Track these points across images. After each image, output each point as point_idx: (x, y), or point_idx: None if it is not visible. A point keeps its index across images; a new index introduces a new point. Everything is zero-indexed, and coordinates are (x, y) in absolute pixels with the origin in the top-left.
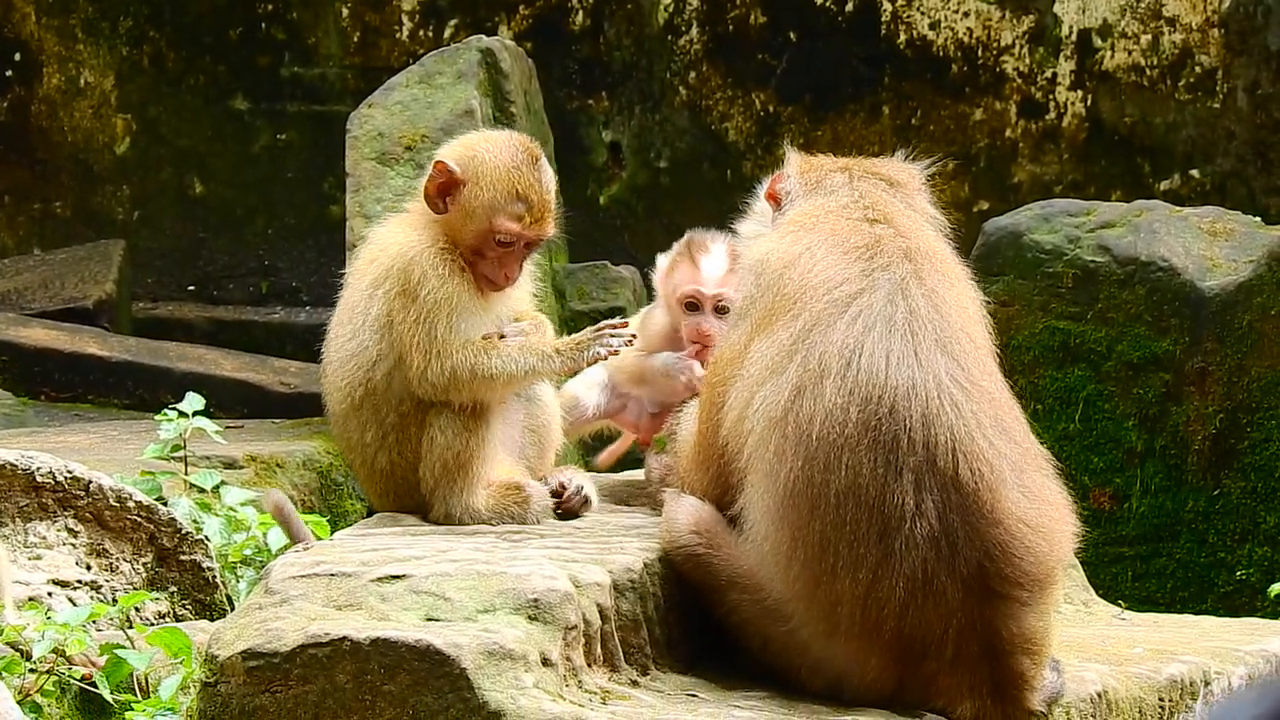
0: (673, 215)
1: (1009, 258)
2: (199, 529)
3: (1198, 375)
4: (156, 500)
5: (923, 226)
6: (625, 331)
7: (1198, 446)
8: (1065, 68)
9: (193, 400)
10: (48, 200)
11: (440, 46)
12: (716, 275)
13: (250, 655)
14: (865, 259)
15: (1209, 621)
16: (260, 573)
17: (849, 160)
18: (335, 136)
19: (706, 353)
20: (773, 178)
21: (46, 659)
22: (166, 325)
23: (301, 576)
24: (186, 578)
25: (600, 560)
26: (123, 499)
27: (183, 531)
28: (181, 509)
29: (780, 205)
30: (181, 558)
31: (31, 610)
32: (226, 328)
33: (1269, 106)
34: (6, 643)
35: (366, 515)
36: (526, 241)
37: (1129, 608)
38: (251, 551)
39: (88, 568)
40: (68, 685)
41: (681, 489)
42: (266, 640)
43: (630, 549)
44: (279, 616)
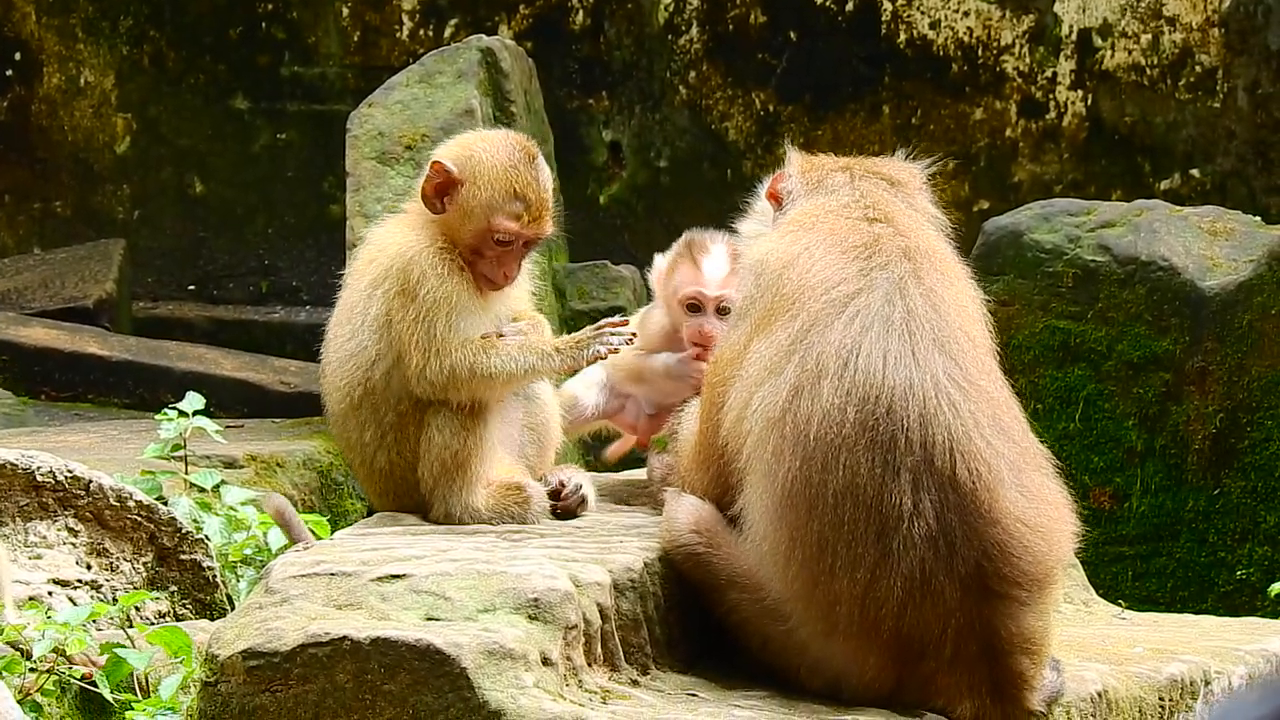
0: (673, 215)
1: (1009, 257)
2: (199, 528)
3: (1198, 375)
4: (157, 500)
5: (923, 226)
6: (625, 330)
7: (1198, 446)
8: (1065, 67)
9: (193, 400)
10: (48, 200)
11: (440, 46)
12: (718, 276)
13: (250, 655)
14: (863, 258)
15: (1209, 621)
16: (260, 572)
17: (850, 160)
18: (335, 136)
19: (707, 354)
20: (774, 177)
21: (47, 658)
22: (167, 325)
23: (302, 576)
24: (187, 577)
25: (600, 560)
26: (123, 498)
27: (183, 531)
28: (182, 508)
29: (781, 205)
30: (182, 557)
31: (32, 610)
32: (226, 327)
33: (1269, 106)
34: (7, 642)
35: (366, 515)
36: (525, 240)
37: (1129, 607)
38: (252, 551)
39: (88, 567)
40: (68, 685)
41: (682, 488)
42: (267, 640)
43: (630, 548)
44: (279, 616)
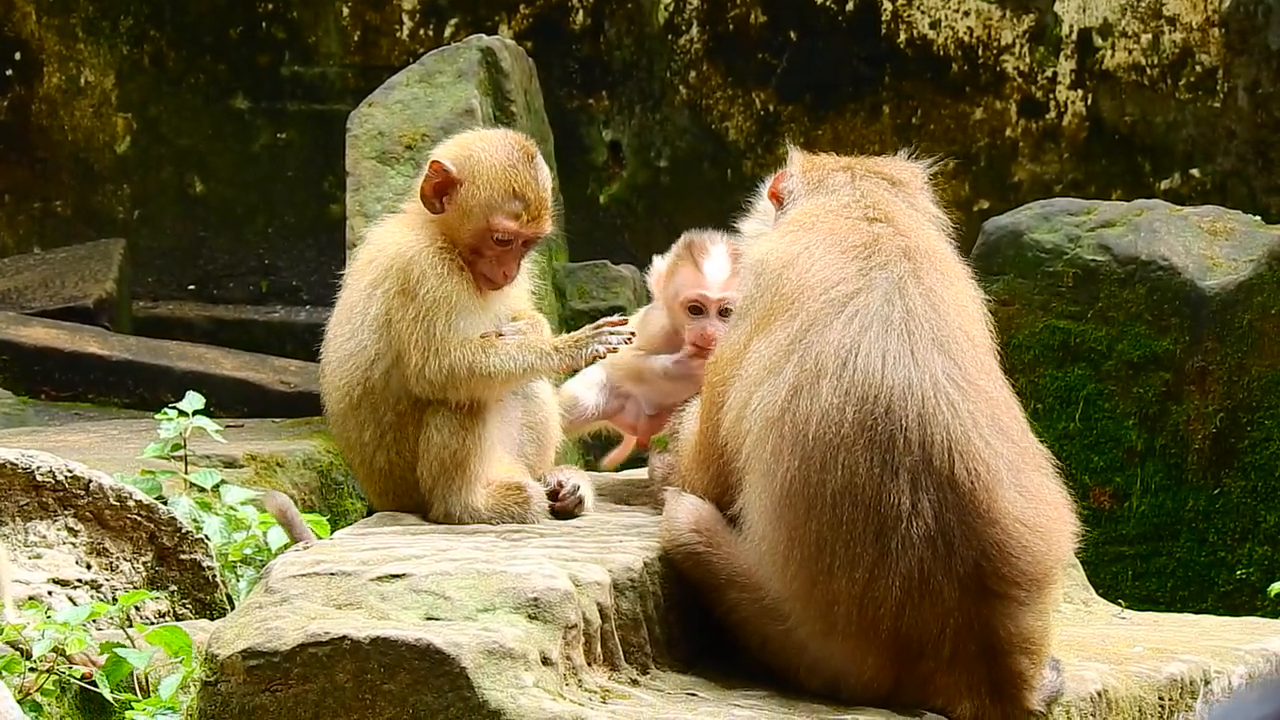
0: (673, 214)
1: (1009, 257)
2: (199, 528)
3: (1198, 374)
4: (157, 499)
5: (923, 226)
6: (624, 329)
7: (1198, 445)
8: (1065, 67)
9: (193, 399)
10: (48, 199)
11: (440, 45)
12: (721, 278)
13: (250, 654)
14: (863, 258)
15: (1209, 620)
16: (260, 572)
17: (852, 159)
18: (335, 135)
19: (704, 353)
20: (776, 176)
21: (46, 658)
22: (167, 324)
23: (301, 575)
24: (186, 577)
25: (600, 559)
26: (123, 498)
27: (183, 530)
28: (181, 508)
29: (783, 204)
30: (181, 557)
31: (31, 609)
32: (226, 327)
33: (1269, 106)
34: (7, 642)
35: (366, 514)
36: (524, 239)
37: (1129, 607)
38: (251, 550)
39: (88, 567)
40: (68, 684)
41: (682, 488)
42: (267, 639)
43: (630, 548)
44: (279, 615)
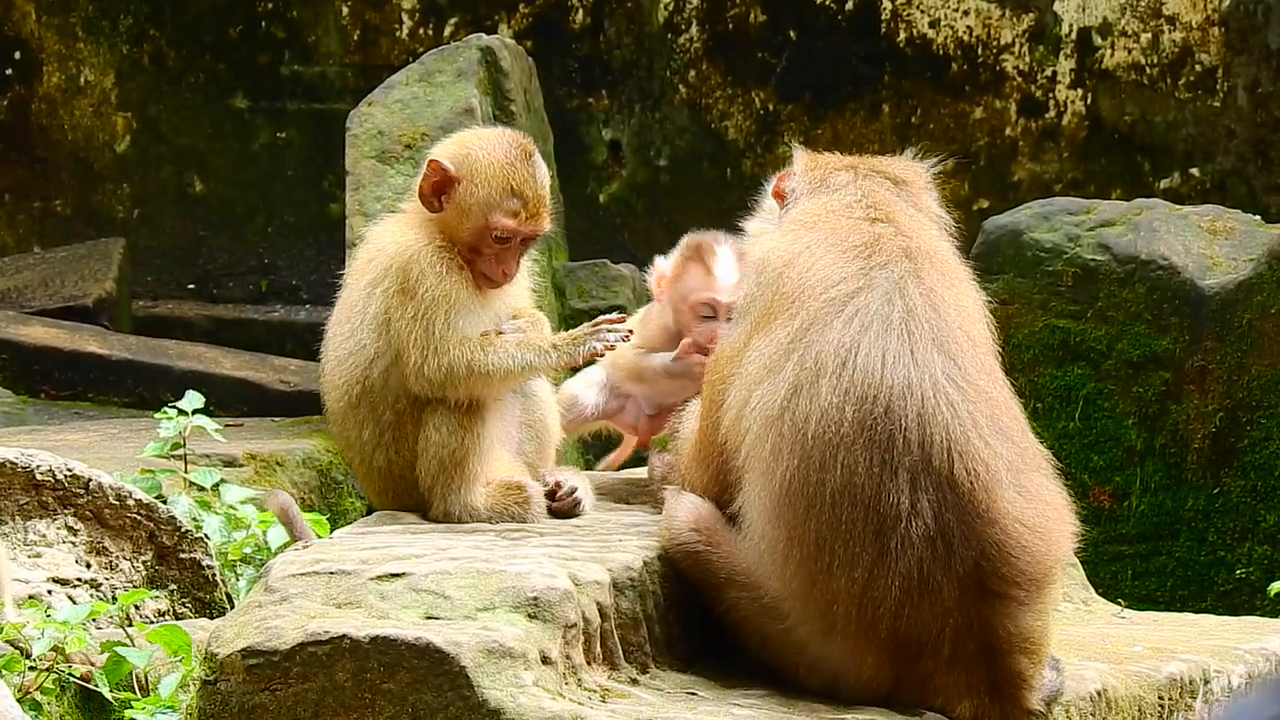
0: (672, 214)
1: (1009, 256)
2: (199, 527)
3: (1197, 374)
4: (156, 498)
5: (925, 225)
6: (622, 327)
7: (1197, 445)
8: (1065, 66)
9: (192, 398)
10: (48, 198)
11: (440, 45)
12: (732, 282)
13: (250, 653)
14: (864, 258)
15: (1208, 620)
16: (260, 571)
17: (855, 159)
18: (335, 135)
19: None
20: (779, 175)
21: (46, 657)
22: (166, 323)
23: (301, 575)
24: (186, 576)
25: (600, 558)
26: (122, 497)
27: (182, 529)
28: (181, 507)
29: (786, 203)
30: (181, 556)
31: (31, 608)
32: (226, 326)
33: (1269, 105)
34: (6, 640)
35: (366, 513)
36: (523, 237)
37: (1129, 606)
38: (251, 549)
39: (87, 566)
40: (67, 683)
41: (682, 487)
42: (266, 638)
43: (630, 547)
44: (279, 615)
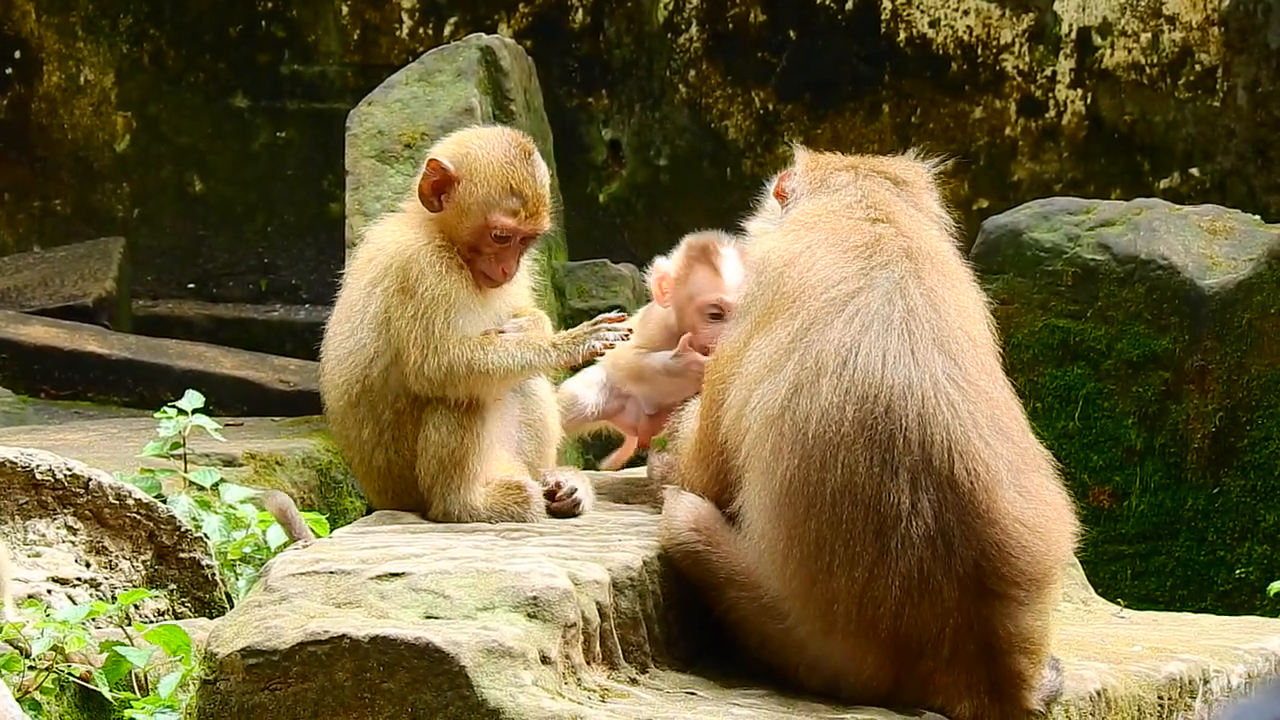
0: (672, 213)
1: (1009, 256)
2: (198, 526)
3: (1197, 373)
4: (156, 498)
5: (926, 226)
6: (622, 326)
7: (1197, 445)
8: (1065, 66)
9: (192, 398)
10: (48, 198)
11: (440, 44)
12: (738, 282)
13: (249, 653)
14: (864, 258)
15: (1208, 620)
16: (259, 570)
17: (856, 158)
18: (335, 134)
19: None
20: (780, 175)
21: (46, 656)
22: (166, 323)
23: (301, 574)
24: (186, 575)
25: (599, 558)
26: (122, 496)
27: (182, 529)
28: (181, 506)
29: (786, 203)
30: (181, 555)
31: (31, 608)
32: (226, 325)
33: (1269, 104)
34: (6, 640)
35: (366, 513)
36: (522, 236)
37: (1128, 606)
38: (251, 549)
39: (87, 565)
40: (67, 683)
41: (682, 486)
42: (266, 638)
43: (629, 547)
44: (278, 614)
